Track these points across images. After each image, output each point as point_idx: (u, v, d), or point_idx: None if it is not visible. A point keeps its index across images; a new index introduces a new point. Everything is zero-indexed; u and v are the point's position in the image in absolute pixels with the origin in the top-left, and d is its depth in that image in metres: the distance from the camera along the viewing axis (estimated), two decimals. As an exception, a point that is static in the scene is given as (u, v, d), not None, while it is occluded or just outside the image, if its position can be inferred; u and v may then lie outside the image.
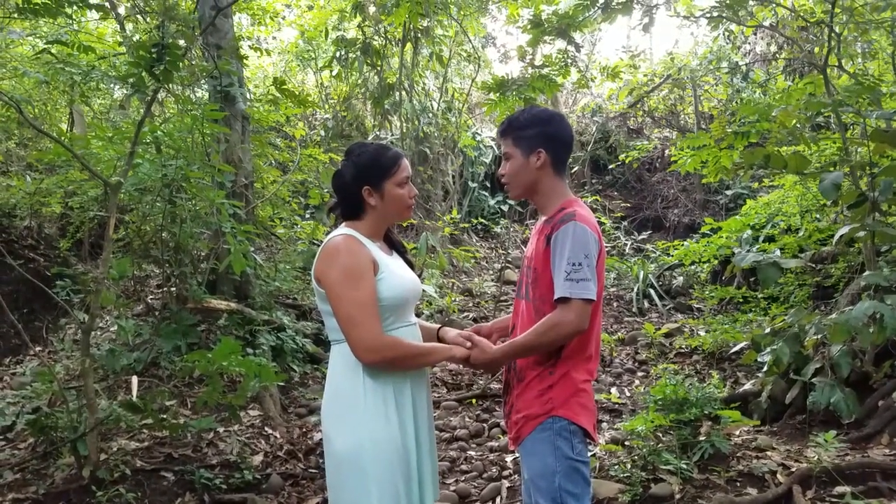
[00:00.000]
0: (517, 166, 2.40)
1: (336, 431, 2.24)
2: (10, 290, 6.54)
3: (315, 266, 2.28)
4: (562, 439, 2.28)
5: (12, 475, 3.99)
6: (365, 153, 2.36)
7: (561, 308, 2.21)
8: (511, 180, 2.44)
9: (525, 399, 2.36)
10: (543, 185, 2.41)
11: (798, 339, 4.31)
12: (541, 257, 2.32)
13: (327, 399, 2.32)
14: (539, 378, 2.33)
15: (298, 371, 5.96)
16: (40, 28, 6.44)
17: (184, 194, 5.22)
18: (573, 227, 2.23)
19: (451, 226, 9.65)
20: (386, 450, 2.19)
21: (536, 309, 2.35)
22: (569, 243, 2.21)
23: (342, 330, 2.21)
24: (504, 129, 2.45)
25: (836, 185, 3.97)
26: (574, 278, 2.18)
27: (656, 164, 13.20)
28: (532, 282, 2.37)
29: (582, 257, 2.20)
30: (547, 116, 2.44)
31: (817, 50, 7.51)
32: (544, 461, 2.29)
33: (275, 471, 4.35)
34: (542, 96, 6.36)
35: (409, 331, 2.38)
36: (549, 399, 2.31)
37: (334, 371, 2.32)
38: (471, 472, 4.44)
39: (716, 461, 3.83)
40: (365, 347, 2.17)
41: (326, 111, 11.86)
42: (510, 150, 2.42)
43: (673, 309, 8.33)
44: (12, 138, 8.01)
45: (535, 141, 2.37)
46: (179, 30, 4.51)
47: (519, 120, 2.42)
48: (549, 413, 2.30)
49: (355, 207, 2.36)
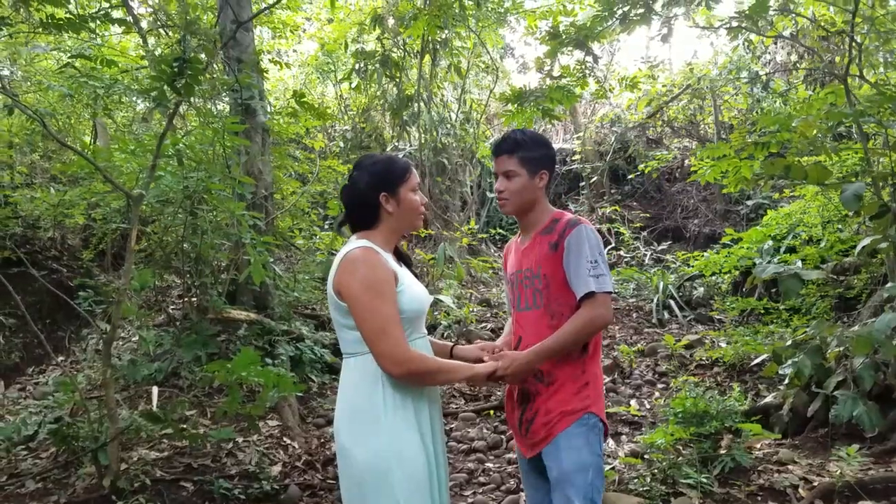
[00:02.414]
0: (522, 184, 2.52)
1: (357, 446, 2.20)
2: (34, 300, 6.63)
3: (334, 278, 2.25)
4: (594, 435, 2.40)
5: (34, 484, 4.04)
6: (378, 161, 2.39)
7: (590, 303, 2.35)
8: (513, 197, 2.53)
9: (559, 399, 2.42)
10: (539, 204, 2.57)
11: (820, 352, 4.27)
12: (551, 263, 2.44)
13: (344, 414, 2.28)
14: (573, 378, 2.42)
15: (317, 381, 5.98)
16: (64, 42, 6.55)
17: (205, 206, 5.28)
18: (585, 230, 2.41)
19: (469, 236, 9.65)
20: (412, 465, 2.18)
21: (552, 313, 2.44)
22: (585, 245, 2.38)
23: (368, 342, 2.19)
24: (511, 148, 2.53)
25: (857, 196, 3.93)
26: (595, 274, 2.35)
27: (676, 174, 13.14)
28: (544, 288, 2.46)
29: (597, 255, 2.39)
30: (547, 141, 2.63)
31: (838, 59, 7.45)
32: (580, 455, 2.36)
33: (293, 481, 4.36)
34: (561, 107, 6.37)
35: (423, 342, 2.39)
36: (586, 396, 2.41)
37: (351, 385, 2.29)
38: (489, 485, 4.42)
39: (736, 475, 3.80)
40: (394, 360, 2.16)
41: (345, 123, 11.94)
42: (515, 169, 2.51)
43: (693, 320, 8.26)
44: (37, 150, 8.13)
45: (541, 162, 2.53)
46: (200, 44, 4.57)
47: (526, 141, 2.54)
48: (586, 409, 2.40)
49: (371, 216, 2.36)
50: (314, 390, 5.89)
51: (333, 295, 2.26)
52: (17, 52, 7.15)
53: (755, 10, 5.49)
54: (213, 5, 6.63)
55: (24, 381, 6.18)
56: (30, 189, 7.40)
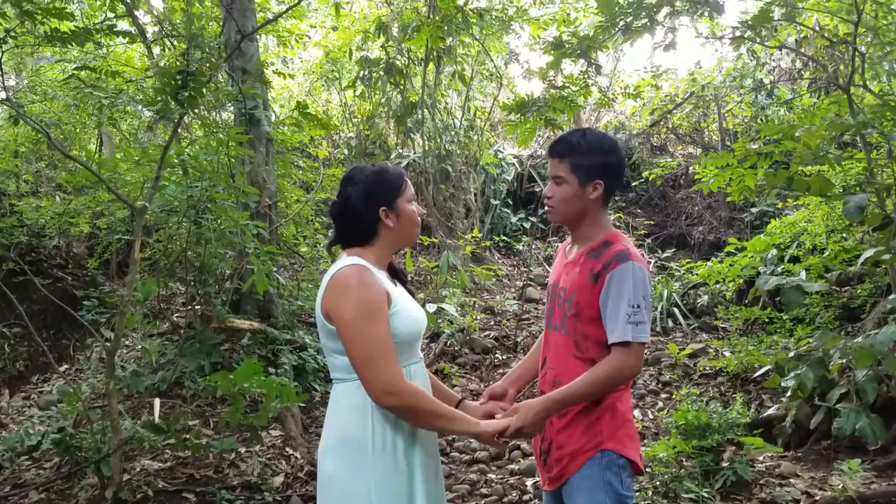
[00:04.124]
0: (571, 193, 2.27)
1: (339, 475, 2.10)
2: (40, 308, 6.67)
3: (323, 299, 2.10)
4: (611, 474, 2.19)
5: (37, 495, 4.06)
6: (372, 174, 2.22)
7: (621, 352, 2.14)
8: (559, 206, 2.30)
9: (569, 434, 2.24)
10: (591, 216, 2.31)
11: (823, 364, 4.25)
12: (587, 293, 2.21)
13: (332, 442, 2.16)
14: (585, 412, 2.22)
15: (320, 390, 5.99)
16: (70, 53, 6.59)
17: (209, 215, 5.30)
18: (632, 269, 2.15)
19: (473, 244, 9.66)
20: (389, 493, 2.06)
21: (577, 344, 2.25)
22: (629, 285, 2.14)
23: (357, 369, 2.04)
24: (563, 151, 2.29)
25: (860, 208, 3.92)
26: (634, 321, 2.12)
27: (681, 182, 13.10)
28: (573, 316, 2.25)
29: (640, 299, 2.14)
30: (611, 146, 2.33)
31: (842, 68, 7.43)
32: (594, 498, 2.19)
33: (295, 492, 4.36)
34: (564, 116, 6.36)
35: (418, 368, 2.25)
36: (597, 432, 2.21)
37: (340, 412, 2.16)
38: (490, 497, 4.41)
39: (738, 488, 3.79)
40: (384, 390, 2.00)
41: (350, 130, 11.97)
42: (565, 175, 2.27)
43: (698, 328, 8.24)
44: (43, 159, 8.18)
45: (596, 171, 2.26)
46: (204, 56, 4.59)
47: (581, 145, 2.27)
48: (597, 447, 2.20)
49: (368, 233, 2.20)
50: (317, 399, 5.90)
51: (322, 317, 2.12)
52: (22, 62, 7.19)
53: (758, 20, 5.49)
54: (219, 15, 6.66)
55: (28, 390, 6.20)
56: (35, 198, 7.44)
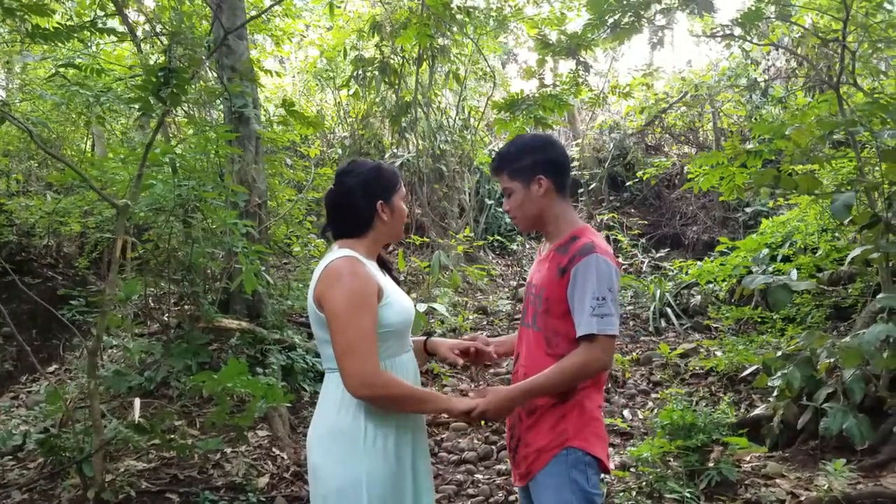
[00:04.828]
0: (521, 198, 2.32)
1: (328, 467, 2.14)
2: (29, 308, 6.64)
3: (315, 289, 2.15)
4: (577, 471, 2.19)
5: (20, 495, 4.03)
6: (370, 169, 2.28)
7: (587, 345, 2.15)
8: (517, 213, 2.35)
9: (536, 431, 2.26)
10: (550, 213, 2.33)
11: (810, 363, 4.24)
12: (554, 288, 2.23)
13: (321, 432, 2.19)
14: (551, 409, 2.24)
15: (308, 390, 5.96)
16: (58, 51, 6.56)
17: (198, 214, 5.27)
18: (596, 261, 2.16)
19: (467, 244, 9.63)
20: (381, 485, 2.10)
21: (547, 341, 2.27)
22: (593, 277, 2.14)
23: (337, 357, 2.08)
24: (497, 166, 2.37)
25: (847, 206, 3.92)
26: (599, 314, 2.12)
27: (675, 181, 13.10)
28: (544, 312, 2.28)
29: (606, 291, 2.14)
30: (540, 143, 2.38)
31: (834, 66, 7.41)
32: (560, 495, 2.19)
33: (280, 493, 4.34)
34: (555, 115, 6.35)
35: (408, 357, 2.30)
36: (562, 430, 2.22)
37: (331, 403, 2.18)
38: (477, 497, 4.39)
39: (723, 489, 3.77)
40: (361, 381, 2.05)
41: (345, 129, 11.95)
42: (509, 185, 2.33)
43: (690, 328, 8.22)
44: (33, 158, 8.15)
45: (534, 169, 2.29)
46: (187, 53, 4.56)
47: (510, 153, 2.34)
48: (563, 444, 2.21)
49: (363, 224, 2.26)
50: (305, 399, 5.87)
51: (314, 307, 2.16)
52: (11, 60, 7.16)
53: (748, 18, 5.48)
54: (208, 14, 6.64)
55: (17, 390, 6.18)
56: (25, 196, 7.42)
